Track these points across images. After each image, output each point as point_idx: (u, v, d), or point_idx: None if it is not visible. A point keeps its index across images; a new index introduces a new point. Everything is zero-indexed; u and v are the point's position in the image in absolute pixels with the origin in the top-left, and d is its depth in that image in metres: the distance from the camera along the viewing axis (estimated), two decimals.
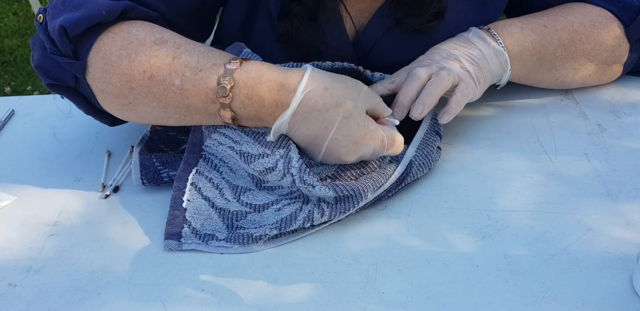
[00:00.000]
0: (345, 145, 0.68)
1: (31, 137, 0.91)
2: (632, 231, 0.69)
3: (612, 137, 0.84)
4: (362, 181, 0.71)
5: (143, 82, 0.69)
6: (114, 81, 0.70)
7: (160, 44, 0.69)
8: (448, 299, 0.63)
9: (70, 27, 0.69)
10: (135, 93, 0.70)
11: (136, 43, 0.69)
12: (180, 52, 0.68)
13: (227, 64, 0.67)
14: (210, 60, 0.68)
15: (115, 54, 0.69)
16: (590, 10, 0.87)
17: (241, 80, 0.67)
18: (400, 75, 0.79)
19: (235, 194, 0.74)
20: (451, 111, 0.76)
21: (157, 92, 0.69)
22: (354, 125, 0.67)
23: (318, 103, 0.66)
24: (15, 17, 3.01)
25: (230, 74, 0.67)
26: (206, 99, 0.68)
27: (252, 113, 0.68)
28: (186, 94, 0.68)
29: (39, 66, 0.74)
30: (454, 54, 0.79)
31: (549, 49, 0.84)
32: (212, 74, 0.67)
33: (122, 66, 0.69)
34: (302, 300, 0.63)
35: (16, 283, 0.67)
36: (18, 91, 2.51)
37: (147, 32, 0.70)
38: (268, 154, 0.70)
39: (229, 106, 0.68)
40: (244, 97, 0.67)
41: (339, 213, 0.70)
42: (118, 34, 0.70)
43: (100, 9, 0.69)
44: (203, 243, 0.69)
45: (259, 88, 0.67)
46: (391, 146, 0.71)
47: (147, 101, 0.70)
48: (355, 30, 0.88)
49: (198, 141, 0.76)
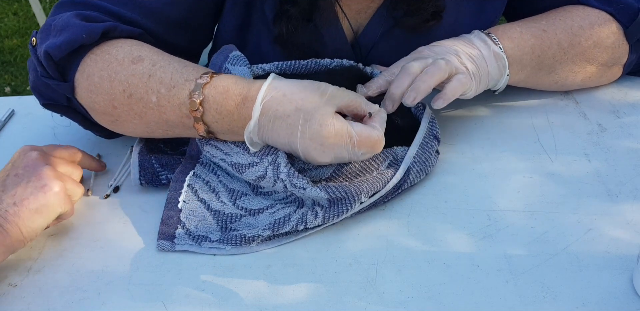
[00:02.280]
0: (314, 147, 0.68)
1: (31, 137, 0.91)
2: (632, 231, 0.69)
3: (612, 137, 0.84)
4: (357, 184, 0.70)
5: (124, 101, 0.72)
6: (98, 101, 0.73)
7: (137, 62, 0.72)
8: (448, 299, 0.63)
9: (54, 52, 0.72)
10: (118, 112, 0.73)
11: (115, 64, 0.72)
12: (155, 70, 0.71)
13: (198, 79, 0.69)
14: (183, 76, 0.70)
15: (97, 75, 0.72)
16: (589, 12, 0.87)
17: (210, 95, 0.69)
18: (397, 67, 0.79)
19: (231, 198, 0.74)
20: (445, 97, 0.75)
21: (138, 109, 0.72)
22: (317, 126, 0.66)
23: (278, 110, 0.67)
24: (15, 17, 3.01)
25: (200, 89, 0.69)
26: (181, 114, 0.70)
27: (225, 127, 0.70)
28: (163, 110, 0.71)
29: (34, 87, 0.78)
30: (455, 50, 0.79)
31: (549, 53, 0.84)
32: (184, 90, 0.69)
33: (104, 86, 0.72)
34: (302, 300, 0.63)
35: (16, 283, 0.67)
36: (18, 91, 2.51)
37: (125, 52, 0.73)
38: (257, 162, 0.70)
39: (201, 120, 0.70)
40: (215, 112, 0.69)
41: (332, 216, 0.70)
42: (99, 55, 0.73)
43: (80, 32, 0.72)
44: (196, 244, 0.69)
45: (226, 103, 0.68)
46: (363, 144, 0.68)
47: (129, 118, 0.73)
48: (353, 32, 0.88)
49: (195, 153, 0.77)
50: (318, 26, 0.85)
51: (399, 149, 0.76)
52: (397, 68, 0.78)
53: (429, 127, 0.78)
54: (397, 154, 0.75)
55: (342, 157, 0.69)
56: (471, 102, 0.90)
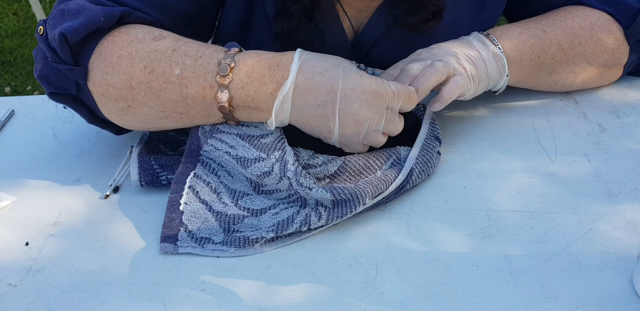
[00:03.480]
0: (356, 98, 0.69)
1: (31, 137, 0.91)
2: (632, 231, 0.69)
3: (612, 137, 0.84)
4: (361, 186, 0.70)
5: (143, 78, 0.70)
6: (114, 83, 0.71)
7: (159, 39, 0.72)
8: (448, 299, 0.63)
9: (70, 34, 0.70)
10: (134, 93, 0.71)
11: (136, 42, 0.71)
12: (179, 45, 0.71)
13: (228, 51, 0.71)
14: (209, 48, 0.71)
15: (116, 55, 0.71)
16: (589, 13, 0.87)
17: (241, 60, 0.69)
18: (396, 68, 0.79)
19: (233, 199, 0.74)
20: (442, 99, 0.76)
21: (157, 86, 0.70)
22: (357, 77, 0.69)
23: (317, 67, 0.69)
24: (15, 17, 3.01)
25: (231, 57, 0.70)
26: (204, 84, 0.69)
27: (250, 95, 0.69)
28: (185, 83, 0.70)
29: (41, 75, 0.75)
30: (454, 51, 0.79)
31: (549, 54, 0.84)
32: (212, 59, 0.70)
33: (123, 64, 0.71)
34: (302, 300, 0.63)
35: (16, 283, 0.67)
36: (18, 91, 2.51)
37: (145, 32, 0.73)
38: (264, 158, 0.70)
39: (227, 88, 0.69)
40: (244, 76, 0.69)
41: (336, 217, 0.70)
42: (117, 36, 0.72)
43: (98, 15, 0.71)
44: (199, 246, 0.69)
45: (259, 65, 0.69)
46: (402, 94, 0.71)
47: (145, 100, 0.71)
48: (354, 31, 0.88)
49: (195, 147, 0.76)
50: (319, 25, 0.85)
51: (402, 149, 0.76)
52: (395, 70, 0.78)
53: (430, 128, 0.78)
54: (400, 154, 0.75)
55: (380, 110, 0.71)
56: (471, 102, 0.90)
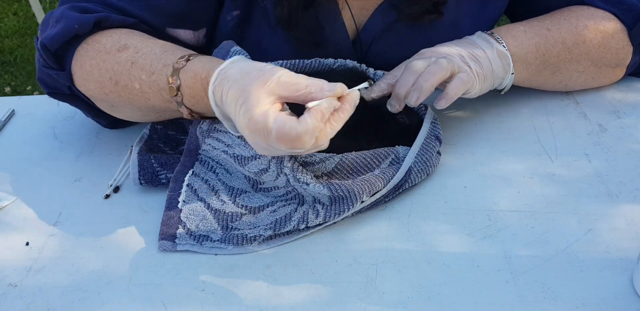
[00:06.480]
0: (246, 137, 0.63)
1: (31, 137, 0.91)
2: (632, 231, 0.69)
3: (613, 137, 0.84)
4: (358, 183, 0.70)
5: (112, 88, 0.74)
6: (92, 88, 0.76)
7: (122, 50, 0.73)
8: (448, 299, 0.63)
9: (48, 43, 0.75)
10: (110, 98, 0.76)
11: (103, 52, 0.74)
12: (138, 57, 0.72)
13: (175, 64, 0.69)
14: (161, 61, 0.71)
15: (88, 63, 0.75)
16: (593, 13, 0.87)
17: (184, 80, 0.69)
18: (400, 69, 0.79)
19: (231, 196, 0.74)
20: (447, 96, 0.75)
21: (126, 96, 0.74)
22: (243, 116, 0.61)
23: (225, 96, 0.63)
24: (15, 17, 3.01)
25: (177, 74, 0.69)
26: (163, 99, 0.71)
27: (204, 110, 0.70)
28: (147, 97, 0.72)
29: (39, 78, 0.82)
30: (457, 50, 0.79)
31: (553, 52, 0.84)
32: (162, 76, 0.70)
33: (94, 74, 0.75)
34: (302, 300, 0.63)
35: (16, 283, 0.67)
36: (18, 91, 2.51)
37: (113, 41, 0.75)
38: (260, 155, 0.70)
39: (182, 104, 0.70)
40: (189, 97, 0.69)
41: (333, 214, 0.70)
42: (90, 44, 0.76)
43: (72, 23, 0.75)
44: (197, 243, 0.69)
45: (196, 87, 0.68)
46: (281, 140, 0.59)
47: (122, 103, 0.76)
48: (356, 27, 0.88)
49: (194, 146, 0.77)
50: (319, 17, 0.85)
51: (400, 148, 0.76)
52: (399, 70, 0.78)
53: (431, 127, 0.78)
54: (399, 153, 0.75)
55: (272, 151, 0.63)
56: (471, 102, 0.90)
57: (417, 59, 0.77)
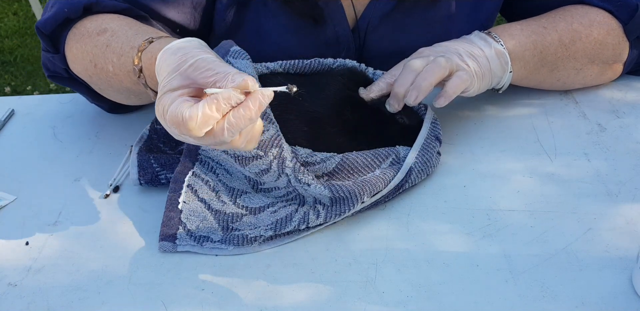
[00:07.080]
0: None
1: (31, 137, 0.91)
2: (631, 231, 0.69)
3: (612, 137, 0.84)
4: (359, 184, 0.70)
5: (93, 71, 0.76)
6: (79, 71, 0.79)
7: (101, 34, 0.75)
8: (448, 299, 0.63)
9: (42, 26, 0.79)
10: (94, 80, 0.79)
11: (86, 36, 0.76)
12: (112, 40, 0.73)
13: (140, 46, 0.67)
14: (129, 43, 0.71)
15: (75, 47, 0.77)
16: (588, 10, 0.88)
17: (144, 61, 0.67)
18: (399, 68, 0.79)
19: (231, 197, 0.74)
20: (446, 94, 0.75)
21: (104, 78, 0.75)
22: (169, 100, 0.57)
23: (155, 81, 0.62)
24: (15, 17, 3.01)
25: (139, 57, 0.67)
26: (133, 82, 0.71)
27: None
28: (119, 79, 0.73)
29: (42, 62, 0.85)
30: (456, 49, 0.79)
31: (550, 50, 0.85)
32: (129, 58, 0.70)
33: (79, 57, 0.77)
34: (302, 299, 0.63)
35: (16, 283, 0.67)
36: (18, 91, 2.51)
37: (96, 25, 0.77)
38: (261, 155, 0.70)
39: (148, 86, 0.69)
40: (149, 79, 0.67)
41: (334, 215, 0.70)
42: (78, 28, 0.78)
43: (63, 7, 0.78)
44: (198, 244, 0.69)
45: (152, 69, 0.63)
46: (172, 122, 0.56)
47: (104, 86, 0.78)
48: (355, 15, 0.88)
49: (194, 146, 0.77)
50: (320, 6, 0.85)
51: (401, 149, 0.76)
52: (398, 70, 0.78)
53: (431, 128, 0.78)
54: (400, 153, 0.75)
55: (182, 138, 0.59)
56: (471, 101, 0.90)
57: (416, 58, 0.77)
